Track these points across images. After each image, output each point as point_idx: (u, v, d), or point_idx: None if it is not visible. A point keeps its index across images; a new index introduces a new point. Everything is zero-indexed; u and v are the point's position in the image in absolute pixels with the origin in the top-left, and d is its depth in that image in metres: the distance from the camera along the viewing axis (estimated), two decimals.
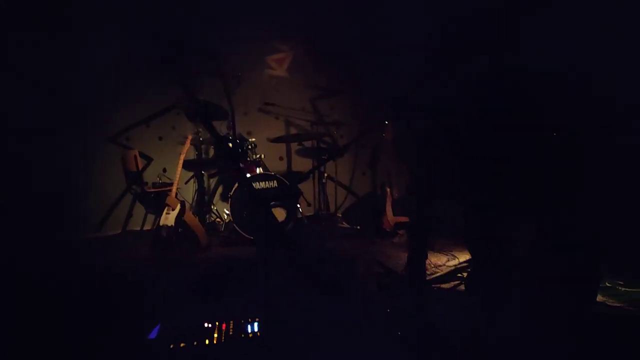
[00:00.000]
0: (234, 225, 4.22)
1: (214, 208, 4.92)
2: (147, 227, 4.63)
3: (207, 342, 1.43)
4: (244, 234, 4.20)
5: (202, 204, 4.76)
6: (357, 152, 5.62)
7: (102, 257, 3.85)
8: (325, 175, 5.10)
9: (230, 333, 1.49)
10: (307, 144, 5.34)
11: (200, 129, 4.72)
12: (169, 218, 3.96)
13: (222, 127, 4.72)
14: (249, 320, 1.56)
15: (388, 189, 4.60)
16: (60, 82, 4.29)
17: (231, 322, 1.54)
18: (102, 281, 2.90)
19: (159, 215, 4.06)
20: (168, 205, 3.99)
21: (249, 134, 5.15)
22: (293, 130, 5.46)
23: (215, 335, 1.48)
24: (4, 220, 3.90)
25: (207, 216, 4.83)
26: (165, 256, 3.76)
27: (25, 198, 4.10)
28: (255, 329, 1.53)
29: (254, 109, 5.33)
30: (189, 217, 4.05)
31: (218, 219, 4.89)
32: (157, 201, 4.40)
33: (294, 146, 5.46)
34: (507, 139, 1.70)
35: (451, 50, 1.92)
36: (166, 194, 4.19)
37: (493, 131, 1.73)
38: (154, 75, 4.77)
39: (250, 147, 4.57)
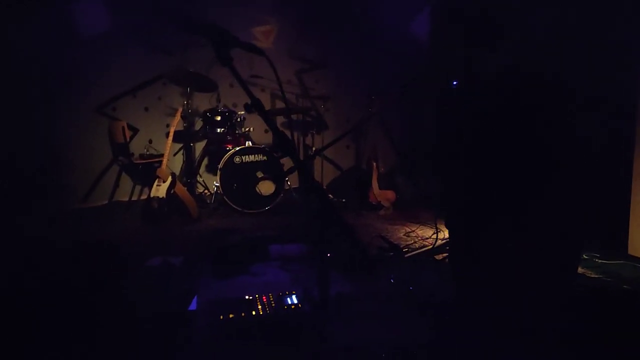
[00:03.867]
0: (224, 197, 4.28)
1: (200, 179, 4.94)
2: (135, 197, 4.61)
3: (253, 313, 1.55)
4: (234, 205, 4.28)
5: (191, 175, 4.77)
6: (343, 126, 5.71)
7: (94, 229, 3.86)
8: (313, 148, 5.19)
9: (273, 305, 1.61)
10: (294, 117, 5.38)
11: (187, 101, 4.67)
12: (159, 190, 3.99)
13: (212, 100, 4.71)
14: (287, 292, 1.68)
15: (374, 163, 4.74)
16: (45, 51, 4.13)
17: (270, 294, 1.66)
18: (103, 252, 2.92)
19: (147, 186, 4.07)
20: (159, 177, 4.00)
21: (235, 106, 5.15)
22: (279, 104, 5.49)
23: (259, 306, 1.59)
24: None
25: (195, 188, 4.86)
26: (157, 227, 3.81)
27: (8, 169, 4.01)
28: (295, 301, 1.65)
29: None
30: (180, 189, 4.09)
31: (206, 191, 4.93)
32: (144, 172, 4.39)
33: (280, 119, 5.49)
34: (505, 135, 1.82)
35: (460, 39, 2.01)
36: (154, 165, 4.19)
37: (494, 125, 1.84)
38: (141, 45, 4.66)
39: (239, 120, 4.60)
